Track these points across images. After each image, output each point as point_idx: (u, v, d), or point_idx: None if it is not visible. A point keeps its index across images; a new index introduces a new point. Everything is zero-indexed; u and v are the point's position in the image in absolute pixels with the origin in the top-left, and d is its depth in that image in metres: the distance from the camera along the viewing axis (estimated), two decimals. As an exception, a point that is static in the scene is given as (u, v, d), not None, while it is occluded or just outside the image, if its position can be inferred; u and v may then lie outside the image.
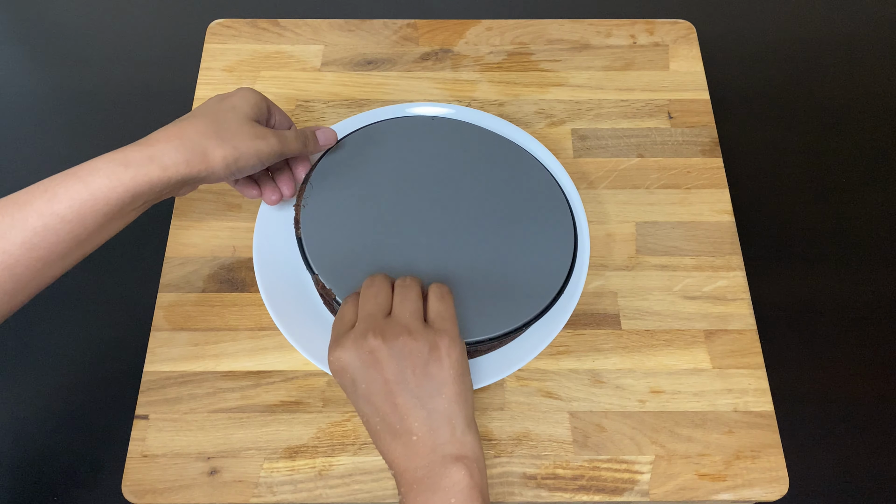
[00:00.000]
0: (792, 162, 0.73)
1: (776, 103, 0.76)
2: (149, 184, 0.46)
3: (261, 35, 0.76)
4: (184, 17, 0.81)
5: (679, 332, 0.60)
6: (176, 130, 0.48)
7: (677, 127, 0.71)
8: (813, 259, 0.67)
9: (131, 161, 0.45)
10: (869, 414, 0.60)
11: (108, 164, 0.45)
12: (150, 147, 0.46)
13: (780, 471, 0.55)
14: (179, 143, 0.47)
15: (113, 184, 0.45)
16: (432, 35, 0.76)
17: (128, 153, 0.46)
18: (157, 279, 0.62)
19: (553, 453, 0.55)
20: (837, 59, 0.80)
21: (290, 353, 0.59)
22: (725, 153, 0.70)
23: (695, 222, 0.66)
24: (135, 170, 0.45)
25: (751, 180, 0.71)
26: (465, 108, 0.66)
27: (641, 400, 0.57)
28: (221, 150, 0.48)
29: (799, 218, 0.69)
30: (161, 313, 0.60)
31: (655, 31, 0.77)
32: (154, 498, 0.53)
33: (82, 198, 0.44)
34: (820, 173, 0.72)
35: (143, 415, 0.56)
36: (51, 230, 0.44)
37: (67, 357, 0.61)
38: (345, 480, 0.54)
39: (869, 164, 0.73)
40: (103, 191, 0.45)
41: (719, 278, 0.63)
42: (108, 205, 0.45)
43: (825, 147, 0.74)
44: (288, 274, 0.59)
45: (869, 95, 0.77)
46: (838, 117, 0.76)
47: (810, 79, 0.78)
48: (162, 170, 0.46)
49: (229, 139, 0.48)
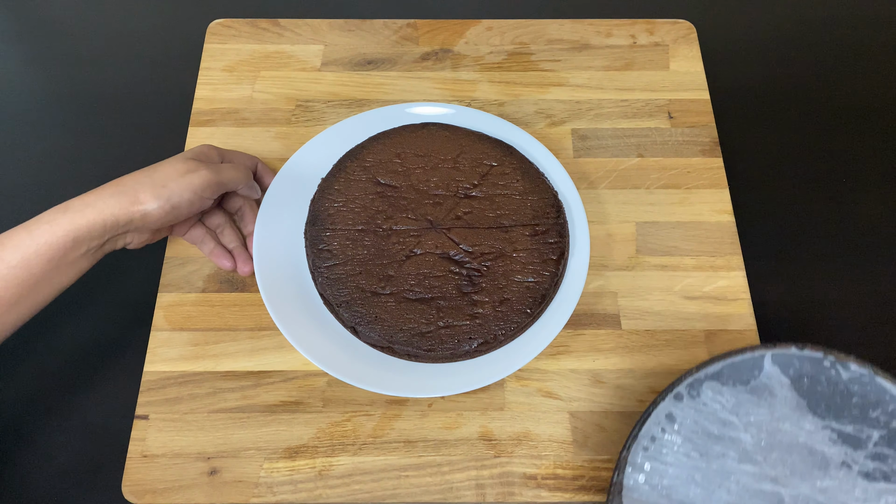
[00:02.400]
0: (792, 162, 0.73)
1: (776, 103, 0.76)
2: (87, 227, 0.49)
3: (261, 35, 0.76)
4: (184, 17, 0.81)
5: (679, 332, 0.60)
6: (114, 182, 0.52)
7: (677, 127, 0.71)
8: (813, 259, 0.67)
9: (70, 208, 0.50)
10: (869, 414, 0.60)
11: (50, 213, 0.50)
12: (89, 196, 0.51)
13: (781, 471, 0.55)
14: (115, 190, 0.51)
15: (53, 228, 0.49)
16: (432, 35, 0.76)
17: (68, 203, 0.50)
18: (157, 279, 0.62)
19: (553, 453, 0.55)
20: (838, 59, 0.80)
21: (290, 353, 0.59)
22: (725, 153, 0.70)
23: (695, 222, 0.66)
24: (72, 214, 0.49)
25: (751, 180, 0.71)
26: (465, 108, 0.66)
27: (641, 400, 0.57)
28: (153, 190, 0.52)
29: (799, 218, 0.69)
30: (161, 313, 0.60)
31: (655, 31, 0.77)
32: (154, 498, 0.53)
33: (26, 244, 0.48)
34: (820, 173, 0.72)
35: (143, 415, 0.56)
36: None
37: (67, 357, 0.61)
38: (345, 480, 0.54)
39: (869, 164, 0.73)
40: (45, 236, 0.48)
41: (719, 278, 0.63)
42: (51, 249, 0.49)
43: (825, 147, 0.74)
44: (288, 274, 0.59)
45: (869, 95, 0.77)
46: (838, 117, 0.76)
47: (811, 79, 0.78)
48: (97, 213, 0.50)
49: (160, 180, 0.53)
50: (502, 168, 0.62)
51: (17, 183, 0.70)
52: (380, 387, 0.54)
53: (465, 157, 0.62)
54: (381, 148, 0.63)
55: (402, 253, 0.58)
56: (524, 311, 0.56)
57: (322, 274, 0.57)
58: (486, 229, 0.59)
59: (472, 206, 0.60)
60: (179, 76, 0.75)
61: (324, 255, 0.58)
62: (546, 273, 0.57)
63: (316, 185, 0.62)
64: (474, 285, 0.57)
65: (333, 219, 0.59)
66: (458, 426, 0.56)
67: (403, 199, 0.60)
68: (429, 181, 0.61)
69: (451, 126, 0.64)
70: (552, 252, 0.58)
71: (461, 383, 0.55)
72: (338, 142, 0.64)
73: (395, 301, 0.56)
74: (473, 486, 0.54)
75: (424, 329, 0.55)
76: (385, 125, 0.65)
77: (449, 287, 0.57)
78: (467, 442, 0.56)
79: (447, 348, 0.55)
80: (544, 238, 0.59)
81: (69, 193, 0.52)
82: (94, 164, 0.71)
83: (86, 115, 0.75)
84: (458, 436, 0.56)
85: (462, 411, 0.57)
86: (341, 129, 0.65)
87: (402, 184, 0.61)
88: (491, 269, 0.57)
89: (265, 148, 0.69)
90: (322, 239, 0.58)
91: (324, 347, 0.55)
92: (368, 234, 0.59)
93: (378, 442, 0.56)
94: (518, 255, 0.58)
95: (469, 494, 0.54)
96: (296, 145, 0.69)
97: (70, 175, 0.70)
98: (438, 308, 0.56)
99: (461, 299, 0.56)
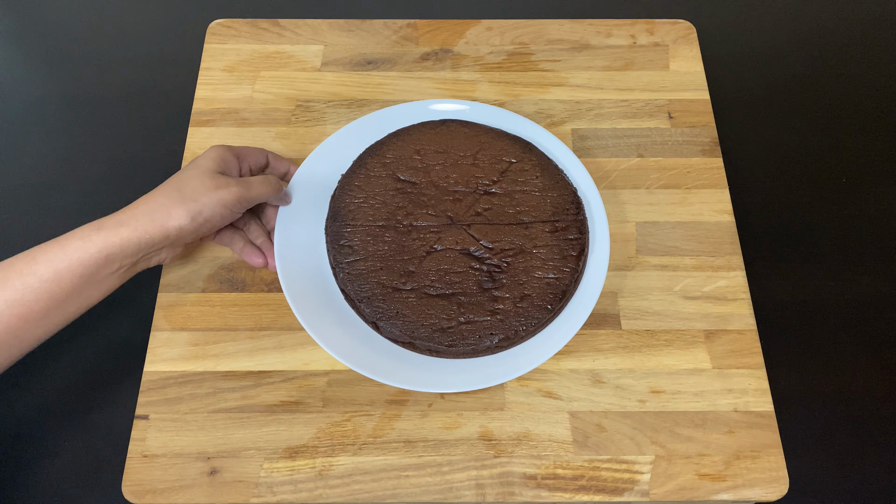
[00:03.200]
0: (792, 162, 0.73)
1: (776, 103, 0.76)
2: (120, 245, 0.50)
3: (261, 35, 0.76)
4: (184, 17, 0.81)
5: (679, 332, 0.60)
6: (144, 199, 0.53)
7: (677, 127, 0.71)
8: (813, 259, 0.67)
9: (103, 226, 0.50)
10: (869, 414, 0.60)
11: (83, 230, 0.50)
12: (121, 214, 0.51)
13: (780, 471, 0.55)
14: (146, 208, 0.52)
15: (86, 245, 0.49)
16: (432, 35, 0.76)
17: (101, 221, 0.51)
18: (157, 279, 0.62)
19: (553, 453, 0.55)
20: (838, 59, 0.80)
21: (290, 352, 0.59)
22: (725, 153, 0.70)
23: (695, 222, 0.66)
24: (106, 232, 0.50)
25: (751, 180, 0.71)
26: (483, 105, 0.67)
27: (641, 400, 0.57)
28: (184, 206, 0.52)
29: (799, 218, 0.69)
30: (161, 313, 0.60)
31: (655, 31, 0.77)
32: (154, 498, 0.53)
33: (59, 258, 0.49)
34: (820, 173, 0.72)
35: (143, 415, 0.56)
36: (29, 289, 0.48)
37: (67, 357, 0.61)
38: (345, 480, 0.54)
39: (869, 163, 0.73)
40: (77, 252, 0.49)
41: (719, 278, 0.63)
42: (83, 265, 0.49)
43: (825, 147, 0.74)
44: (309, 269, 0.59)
45: (870, 95, 0.77)
46: (839, 117, 0.76)
47: (811, 79, 0.78)
48: (130, 231, 0.50)
49: (190, 195, 0.53)
50: (522, 165, 0.62)
51: (18, 183, 0.70)
52: (403, 382, 0.54)
53: (485, 153, 0.63)
54: (401, 144, 0.63)
55: (422, 249, 0.58)
56: (545, 307, 0.56)
57: (343, 269, 0.57)
58: (506, 225, 0.59)
59: (492, 202, 0.60)
60: (179, 76, 0.75)
61: (345, 250, 0.58)
62: (566, 269, 0.57)
63: (336, 182, 0.62)
64: (495, 281, 0.57)
65: (354, 215, 0.59)
66: (458, 426, 0.56)
67: (423, 196, 0.61)
68: (448, 177, 0.61)
69: (469, 123, 0.65)
70: (572, 248, 0.58)
71: (483, 378, 0.55)
72: (357, 138, 0.65)
73: (416, 297, 0.56)
74: (473, 486, 0.54)
75: (445, 325, 0.55)
76: (404, 122, 0.66)
77: (469, 283, 0.57)
78: (467, 442, 0.56)
79: (468, 344, 0.55)
80: (564, 234, 0.59)
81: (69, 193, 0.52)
82: (94, 164, 0.71)
83: (86, 115, 0.75)
84: (458, 436, 0.56)
85: (462, 411, 0.57)
86: (360, 126, 0.66)
87: (421, 180, 0.61)
88: (511, 265, 0.58)
89: (265, 148, 0.69)
90: (343, 235, 0.59)
91: (345, 343, 0.56)
92: (389, 230, 0.59)
93: (378, 442, 0.56)
94: (538, 251, 0.58)
95: (469, 494, 0.54)
96: (296, 145, 0.69)
97: (70, 175, 0.70)
98: (459, 304, 0.56)
99: (482, 295, 0.56)
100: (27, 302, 0.48)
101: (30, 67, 0.78)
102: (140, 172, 0.70)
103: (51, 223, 0.67)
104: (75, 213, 0.68)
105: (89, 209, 0.68)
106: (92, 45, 0.79)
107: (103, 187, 0.70)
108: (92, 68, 0.77)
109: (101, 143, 0.72)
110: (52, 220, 0.68)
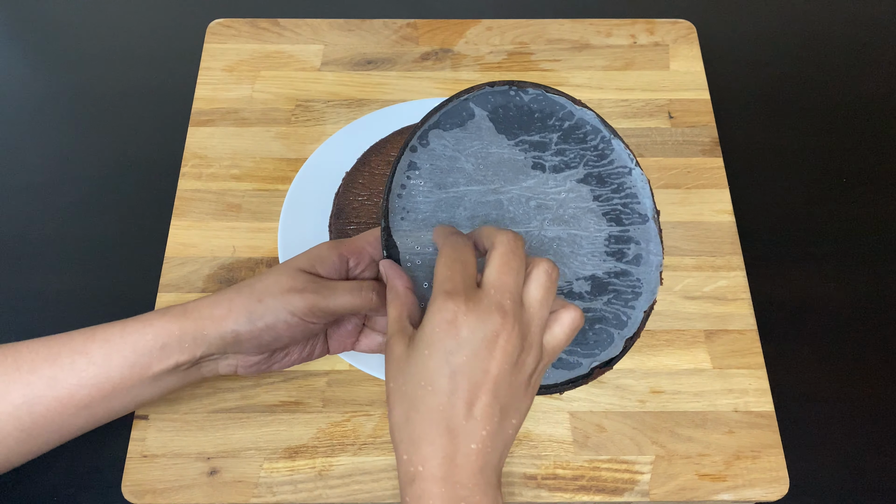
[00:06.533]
0: (792, 162, 0.73)
1: (776, 103, 0.76)
2: (178, 334, 0.43)
3: (261, 35, 0.76)
4: (184, 17, 0.81)
5: (679, 332, 0.60)
6: (224, 289, 0.46)
7: (677, 127, 0.71)
8: (813, 259, 0.67)
9: (168, 312, 0.44)
10: (869, 414, 0.60)
11: (152, 312, 0.45)
12: (192, 303, 0.45)
13: (781, 471, 0.55)
14: (214, 299, 0.44)
15: (144, 329, 0.43)
16: (432, 35, 0.76)
17: (174, 307, 0.45)
18: (157, 279, 0.62)
19: (553, 453, 0.55)
20: (838, 59, 0.80)
21: (290, 353, 0.59)
22: (725, 153, 0.70)
23: (695, 222, 0.66)
24: (168, 319, 0.44)
25: (751, 180, 0.71)
26: None
27: (642, 400, 0.57)
28: (248, 304, 0.43)
29: (799, 218, 0.69)
30: (161, 313, 0.60)
31: (655, 31, 0.77)
32: (154, 498, 0.53)
33: (114, 340, 0.43)
34: (820, 173, 0.72)
35: (143, 415, 0.56)
36: (77, 371, 0.42)
37: (67, 357, 0.61)
38: (345, 481, 0.54)
39: (869, 164, 0.73)
40: (133, 336, 0.43)
41: (719, 278, 0.63)
42: (136, 352, 0.43)
43: (825, 147, 0.74)
44: None
45: (870, 95, 0.77)
46: (838, 117, 0.76)
47: (811, 79, 0.78)
48: (190, 321, 0.43)
49: (258, 292, 0.44)
50: None
51: (18, 183, 0.70)
52: None
53: None
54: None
55: None
56: None
57: None
58: None
59: None
60: (179, 76, 0.75)
61: None
62: None
63: (340, 179, 0.62)
64: None
65: (358, 212, 0.60)
66: (458, 426, 0.56)
67: None
68: None
69: None
70: None
71: None
72: (361, 136, 0.65)
73: None
74: (473, 486, 0.54)
75: None
76: (409, 120, 0.66)
77: None
78: (467, 442, 0.56)
79: None
80: None
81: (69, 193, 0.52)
82: (95, 164, 0.71)
83: (85, 114, 0.75)
84: (458, 436, 0.56)
85: (462, 411, 0.57)
86: (364, 124, 0.66)
87: None
88: None
89: (265, 148, 0.69)
90: (346, 232, 0.59)
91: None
92: None
93: (378, 442, 0.56)
94: None
95: (469, 494, 0.54)
96: (295, 145, 0.69)
97: (70, 175, 0.70)
98: None
99: None
100: (69, 386, 0.42)
101: (29, 67, 0.78)
102: (139, 172, 0.70)
103: (49, 223, 0.67)
104: (74, 213, 0.68)
105: (88, 209, 0.68)
106: (91, 45, 0.79)
107: (103, 187, 0.69)
108: (91, 68, 0.77)
109: (101, 142, 0.72)
110: (50, 219, 0.68)
